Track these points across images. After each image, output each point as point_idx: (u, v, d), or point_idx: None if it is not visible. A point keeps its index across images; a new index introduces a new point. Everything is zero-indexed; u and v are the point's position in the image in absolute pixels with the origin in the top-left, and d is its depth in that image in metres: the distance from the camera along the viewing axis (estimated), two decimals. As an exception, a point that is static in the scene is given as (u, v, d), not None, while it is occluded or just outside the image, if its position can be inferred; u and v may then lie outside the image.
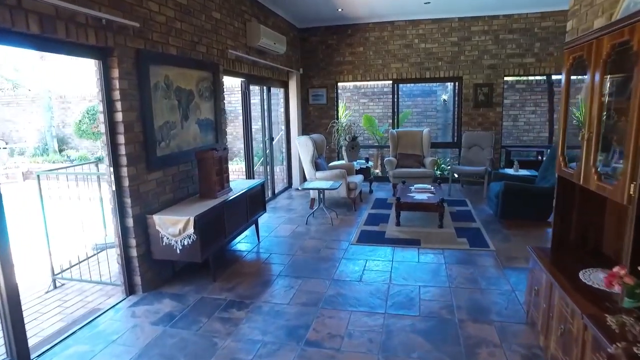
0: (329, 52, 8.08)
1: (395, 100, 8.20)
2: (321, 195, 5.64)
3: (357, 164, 7.16)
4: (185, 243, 3.41)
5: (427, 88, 10.11)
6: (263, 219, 5.40)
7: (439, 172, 8.68)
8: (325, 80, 8.18)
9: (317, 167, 6.19)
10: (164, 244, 3.47)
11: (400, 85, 8.35)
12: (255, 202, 4.65)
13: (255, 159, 9.77)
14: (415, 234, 4.97)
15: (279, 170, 8.80)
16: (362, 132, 9.82)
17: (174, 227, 3.41)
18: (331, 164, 7.27)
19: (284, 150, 8.21)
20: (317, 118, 8.33)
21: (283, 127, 8.06)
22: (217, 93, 4.71)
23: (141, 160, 3.49)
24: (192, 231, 3.37)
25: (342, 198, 6.16)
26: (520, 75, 7.88)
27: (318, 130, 8.29)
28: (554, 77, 8.83)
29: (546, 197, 5.08)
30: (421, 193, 5.62)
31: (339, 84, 8.51)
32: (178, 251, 3.44)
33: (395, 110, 8.27)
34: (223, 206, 3.86)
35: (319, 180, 5.98)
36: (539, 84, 9.62)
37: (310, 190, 6.09)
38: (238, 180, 4.92)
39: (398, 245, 4.61)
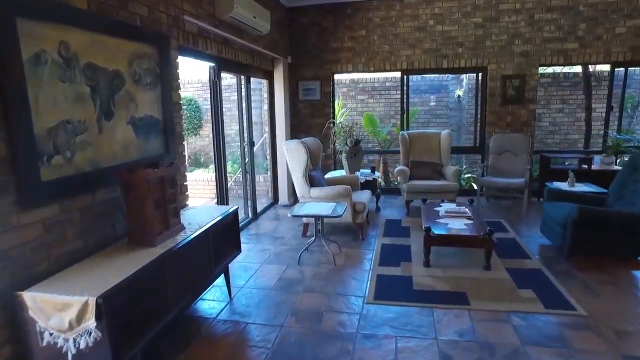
0: (323, 36, 6.56)
1: (405, 95, 6.72)
2: (319, 222, 4.11)
3: (362, 176, 5.66)
4: (83, 344, 1.85)
5: (437, 82, 8.67)
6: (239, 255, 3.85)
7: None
8: (319, 71, 6.65)
9: (312, 181, 4.67)
10: (44, 343, 1.91)
11: (411, 77, 6.85)
12: (224, 240, 3.11)
13: (235, 166, 8.21)
14: (455, 281, 3.48)
15: (262, 180, 7.25)
16: (361, 135, 8.31)
17: (61, 315, 1.85)
18: (328, 175, 5.75)
19: (268, 156, 6.66)
20: (308, 117, 6.80)
21: (267, 129, 6.51)
22: (166, 78, 3.15)
23: (4, 192, 1.92)
24: (94, 323, 1.82)
25: (346, 223, 4.64)
26: (560, 65, 6.46)
27: (310, 132, 6.76)
28: (591, 67, 7.48)
29: (637, 228, 3.67)
30: (455, 218, 4.14)
31: (336, 77, 7.00)
32: (70, 359, 1.88)
33: (405, 107, 6.79)
34: (165, 262, 2.31)
35: (314, 202, 4.46)
36: (567, 77, 8.26)
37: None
38: (199, 208, 3.36)
39: (437, 305, 3.10)
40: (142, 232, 2.41)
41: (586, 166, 6.02)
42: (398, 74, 7.28)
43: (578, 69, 8.02)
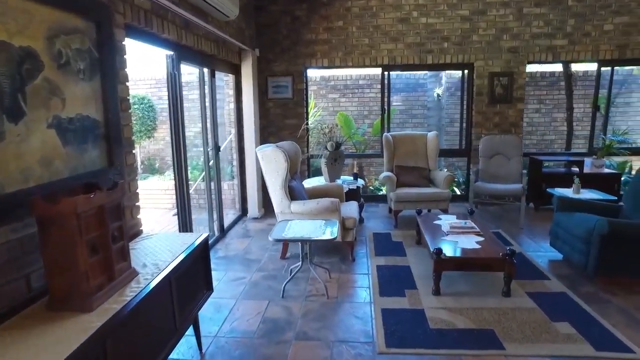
0: (296, 27, 5.84)
1: (386, 93, 6.14)
2: (306, 246, 3.39)
3: (344, 184, 5.00)
4: None
5: (413, 80, 8.18)
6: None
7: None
8: (291, 65, 5.93)
9: (292, 193, 3.95)
10: None
11: (392, 73, 6.27)
12: (192, 282, 2.33)
13: (196, 172, 7.31)
14: (476, 314, 2.89)
15: (227, 188, 6.43)
16: (340, 137, 7.65)
17: None
18: (306, 183, 5.05)
19: (234, 162, 5.86)
20: (279, 118, 6.07)
21: (233, 130, 5.71)
22: (108, 65, 2.33)
23: None
24: None
25: (334, 241, 3.95)
26: (549, 62, 6.11)
27: (281, 134, 6.04)
28: (574, 67, 7.24)
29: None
30: (462, 235, 3.56)
31: (310, 72, 6.31)
32: None
33: (386, 107, 6.21)
34: (108, 336, 1.52)
35: (297, 218, 3.75)
36: (544, 76, 8.02)
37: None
38: (158, 237, 2.55)
39: (465, 352, 2.48)
40: (71, 291, 1.60)
41: (577, 169, 5.70)
42: (374, 71, 6.75)
43: (556, 67, 7.80)
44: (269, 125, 6.07)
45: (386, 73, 6.03)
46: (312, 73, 8.05)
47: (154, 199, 7.09)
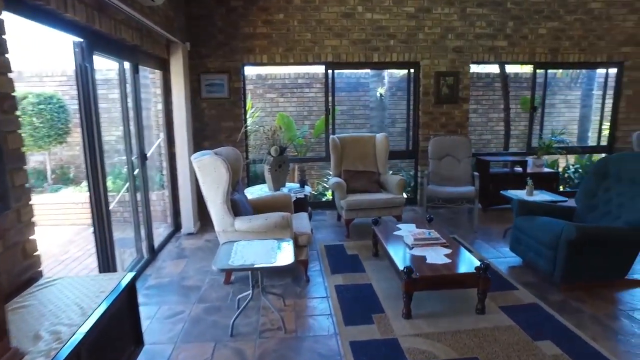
0: (232, 19, 5.26)
1: (331, 92, 5.76)
2: (257, 274, 2.87)
3: (292, 193, 4.54)
4: None
5: (354, 79, 7.92)
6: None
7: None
8: (227, 61, 5.34)
9: (236, 208, 3.40)
10: None
11: (336, 71, 5.90)
12: (114, 343, 1.74)
13: (119, 182, 6.42)
14: (455, 339, 2.58)
15: (156, 199, 5.69)
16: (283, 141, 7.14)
17: None
18: (248, 193, 4.53)
19: (165, 170, 5.15)
20: (215, 119, 5.45)
21: (162, 135, 5.01)
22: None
23: None
24: None
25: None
26: (492, 63, 6.12)
27: (217, 138, 5.43)
28: (508, 68, 7.39)
29: (629, 244, 3.20)
30: (428, 247, 3.27)
31: (248, 69, 5.75)
32: None
33: (330, 108, 5.83)
34: None
35: (243, 238, 3.22)
36: (480, 77, 8.16)
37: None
38: (63, 282, 1.90)
39: (452, 390, 2.15)
40: None
41: (520, 169, 5.74)
42: (313, 69, 6.40)
43: (491, 69, 7.96)
44: (203, 128, 5.42)
45: (330, 71, 5.65)
46: (249, 71, 7.48)
47: (68, 215, 6.11)
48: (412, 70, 5.84)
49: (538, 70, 6.16)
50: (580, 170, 7.49)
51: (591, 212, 3.66)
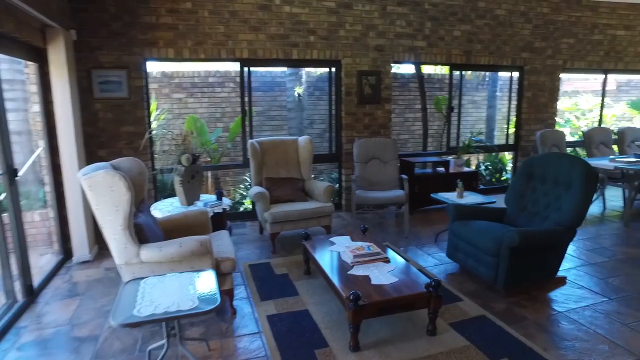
0: (128, 5, 4.48)
1: (247, 92, 5.24)
2: (173, 323, 2.30)
3: (208, 207, 3.95)
4: None
5: (270, 78, 7.45)
6: None
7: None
8: (125, 55, 4.55)
9: (142, 233, 2.76)
10: None
11: (247, 70, 5.36)
12: None
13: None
14: (410, 373, 2.28)
15: (39, 220, 4.73)
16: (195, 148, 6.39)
17: None
18: (154, 209, 3.86)
19: (48, 185, 4.21)
20: (112, 124, 4.62)
21: (43, 144, 4.08)
22: None
23: None
24: None
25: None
26: (412, 62, 6.07)
27: (115, 145, 4.63)
28: (425, 68, 7.47)
29: (561, 244, 3.21)
30: (369, 264, 2.95)
31: (151, 65, 4.98)
32: None
33: (247, 108, 5.30)
34: None
35: (152, 272, 2.61)
36: (396, 77, 8.20)
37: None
38: None
39: None
40: None
41: (443, 169, 5.77)
42: (226, 67, 5.89)
43: (406, 69, 8.04)
44: (97, 134, 4.56)
45: (246, 69, 5.13)
46: (153, 67, 6.63)
47: None
48: (333, 69, 5.55)
49: (454, 72, 6.26)
50: (490, 167, 7.89)
51: (521, 212, 3.66)
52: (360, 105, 5.54)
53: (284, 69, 7.25)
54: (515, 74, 6.66)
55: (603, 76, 7.45)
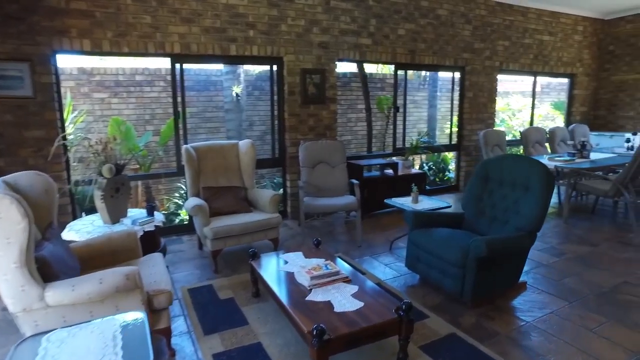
0: (27, -15, 3.76)
1: (180, 92, 4.68)
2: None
3: (137, 225, 3.38)
4: None
5: (205, 76, 6.86)
6: None
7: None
8: (25, 45, 3.82)
9: (48, 268, 2.18)
10: None
11: (180, 67, 4.78)
12: None
13: None
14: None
15: None
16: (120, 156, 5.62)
17: None
18: (69, 232, 3.23)
19: None
20: (12, 128, 3.87)
21: None
22: None
23: None
24: None
25: None
26: (357, 61, 5.83)
27: (18, 154, 3.90)
28: (366, 68, 7.29)
29: (525, 250, 3.10)
30: (331, 287, 2.61)
31: (63, 59, 4.25)
32: None
33: (180, 110, 4.74)
34: None
35: (64, 320, 2.06)
36: (338, 77, 7.96)
37: None
38: None
39: None
40: None
41: (391, 172, 5.60)
42: (155, 63, 5.37)
43: (348, 68, 7.83)
44: (-8, 140, 3.79)
45: (178, 65, 4.57)
46: (66, 62, 5.80)
47: None
48: (275, 67, 5.14)
49: (398, 71, 6.12)
50: (433, 167, 7.91)
51: (480, 217, 3.52)
52: (305, 105, 5.20)
53: (221, 66, 6.72)
54: (457, 74, 6.69)
55: (532, 78, 7.76)
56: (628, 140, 6.66)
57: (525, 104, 9.89)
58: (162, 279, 2.54)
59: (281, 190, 6.02)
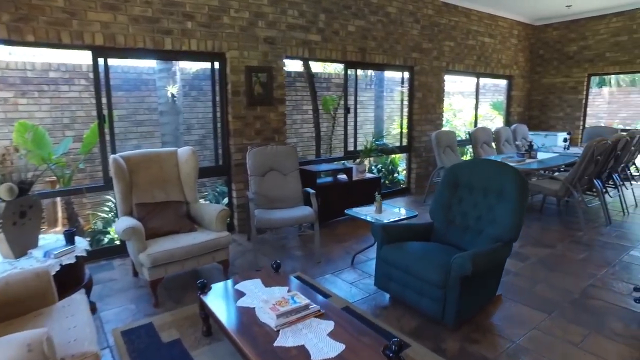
0: None
1: (106, 91, 3.98)
2: None
3: (51, 258, 2.71)
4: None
5: (135, 74, 6.10)
6: None
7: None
8: None
9: None
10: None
11: (112, 62, 4.06)
12: None
13: None
14: None
15: None
16: (27, 168, 4.70)
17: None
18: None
19: None
20: None
21: None
22: None
23: None
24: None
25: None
26: (306, 59, 5.42)
27: None
28: (312, 67, 6.90)
29: (503, 262, 2.90)
30: (300, 325, 2.17)
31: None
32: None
33: (106, 112, 4.03)
34: None
35: None
36: (290, 75, 7.52)
37: None
38: None
39: None
40: None
41: (345, 177, 5.27)
42: (75, 57, 4.72)
43: (294, 67, 7.42)
44: None
45: (101, 60, 3.88)
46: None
47: None
48: (216, 64, 4.59)
49: (349, 70, 5.81)
50: (383, 169, 7.73)
51: (450, 226, 3.27)
52: (251, 107, 4.70)
53: (153, 63, 6.00)
54: (407, 74, 6.54)
55: (475, 79, 7.85)
56: (565, 140, 6.90)
57: (466, 104, 10.11)
58: (84, 334, 1.95)
59: (226, 200, 5.49)
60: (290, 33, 4.85)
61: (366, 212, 3.79)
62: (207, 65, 4.75)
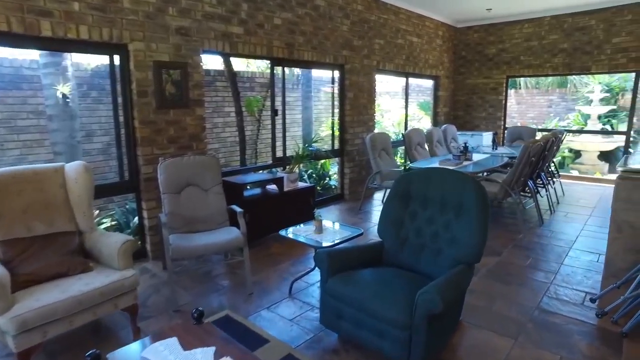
0: None
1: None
2: None
3: None
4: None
5: (10, 69, 4.94)
6: None
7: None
8: None
9: None
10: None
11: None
12: None
13: None
14: None
15: None
16: None
17: None
18: None
19: None
20: None
21: None
22: None
23: None
24: None
25: None
26: (228, 54, 4.71)
27: None
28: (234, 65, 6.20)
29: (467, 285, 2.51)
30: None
31: None
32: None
33: (-42, 118, 3.03)
34: None
35: None
36: (209, 73, 6.72)
37: None
38: None
39: None
40: None
41: (275, 187, 4.68)
42: None
43: (213, 65, 6.66)
44: None
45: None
46: None
47: None
48: (116, 58, 3.75)
49: (275, 68, 5.22)
50: (314, 175, 7.26)
51: (403, 247, 2.84)
52: (162, 110, 3.94)
53: (35, 55, 4.91)
54: (337, 73, 6.12)
55: (404, 79, 7.70)
56: (494, 141, 6.97)
57: (393, 104, 10.03)
58: None
59: (136, 220, 4.63)
60: (207, 23, 4.15)
61: (305, 232, 3.24)
62: (106, 58, 3.88)
